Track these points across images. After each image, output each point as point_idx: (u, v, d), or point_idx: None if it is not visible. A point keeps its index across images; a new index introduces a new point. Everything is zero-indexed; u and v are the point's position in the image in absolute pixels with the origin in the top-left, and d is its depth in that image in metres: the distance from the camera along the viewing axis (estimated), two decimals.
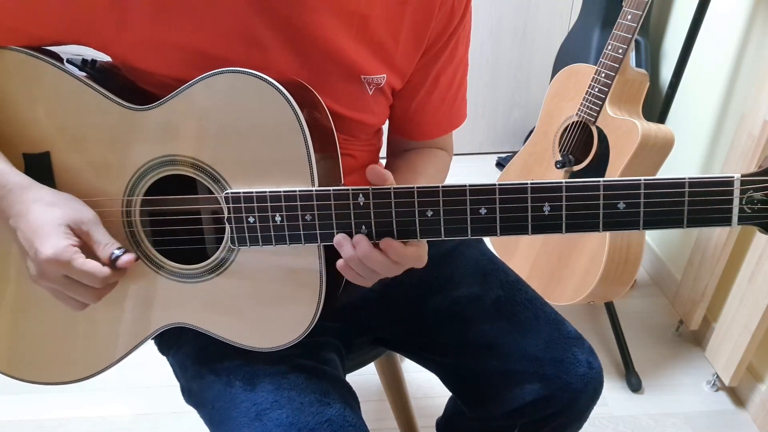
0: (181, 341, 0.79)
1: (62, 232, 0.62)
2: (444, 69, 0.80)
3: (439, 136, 0.87)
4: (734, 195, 0.56)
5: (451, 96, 0.84)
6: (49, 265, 0.61)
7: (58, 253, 0.60)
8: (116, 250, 0.65)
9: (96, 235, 0.65)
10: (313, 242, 0.65)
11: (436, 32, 0.75)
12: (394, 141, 0.90)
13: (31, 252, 0.62)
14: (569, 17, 2.28)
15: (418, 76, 0.79)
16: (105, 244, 0.65)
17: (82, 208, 0.66)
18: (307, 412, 0.68)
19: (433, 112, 0.84)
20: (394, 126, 0.87)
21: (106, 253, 0.64)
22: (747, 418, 1.43)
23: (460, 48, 0.80)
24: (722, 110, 1.54)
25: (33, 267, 0.62)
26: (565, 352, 0.81)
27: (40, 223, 0.62)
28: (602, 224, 0.59)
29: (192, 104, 0.64)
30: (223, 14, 0.64)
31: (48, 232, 0.61)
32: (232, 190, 0.65)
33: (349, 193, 0.62)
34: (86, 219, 0.65)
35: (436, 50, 0.77)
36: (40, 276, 0.62)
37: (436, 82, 0.80)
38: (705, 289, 1.55)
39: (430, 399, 1.45)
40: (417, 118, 0.84)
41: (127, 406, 1.47)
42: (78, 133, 0.68)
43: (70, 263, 0.61)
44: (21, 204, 0.63)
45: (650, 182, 0.57)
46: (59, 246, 0.61)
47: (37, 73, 0.66)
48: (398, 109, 0.83)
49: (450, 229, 0.62)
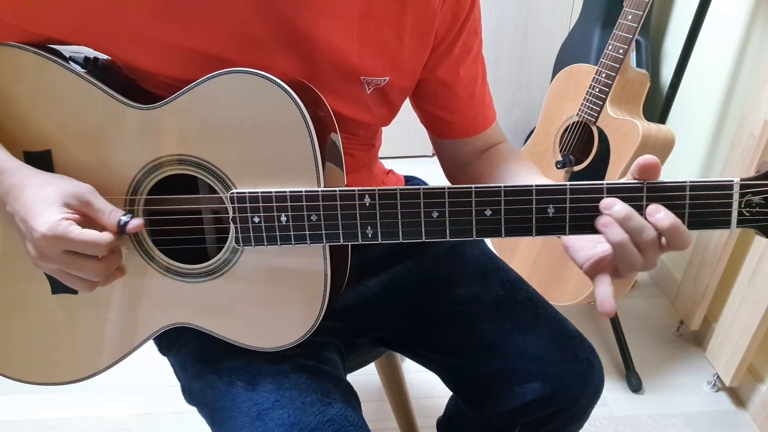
0: (182, 341, 0.79)
1: (56, 208, 0.61)
2: (461, 61, 0.79)
3: (484, 128, 0.86)
4: (733, 198, 0.57)
5: (479, 89, 0.83)
6: (46, 242, 0.59)
7: (52, 227, 0.59)
8: (123, 216, 0.64)
9: (97, 203, 0.64)
10: (318, 242, 0.64)
11: (444, 27, 0.75)
12: (447, 152, 0.89)
13: (28, 234, 0.61)
14: (570, 17, 2.29)
15: (436, 72, 0.78)
16: (110, 212, 0.64)
17: (76, 182, 0.65)
18: (308, 411, 0.68)
19: (465, 106, 0.83)
20: (436, 130, 0.87)
21: (113, 219, 0.63)
22: (747, 419, 1.43)
23: (472, 40, 0.79)
24: (723, 110, 1.54)
25: (32, 248, 0.61)
26: (566, 351, 0.81)
27: (35, 202, 0.61)
28: None
29: (197, 104, 0.64)
30: (224, 15, 0.64)
31: (41, 209, 0.60)
32: (237, 189, 0.65)
33: (355, 193, 0.62)
34: (83, 191, 0.64)
35: (447, 44, 0.77)
36: (39, 257, 0.61)
37: (456, 75, 0.80)
38: (705, 290, 1.55)
39: (431, 399, 1.45)
40: (450, 114, 0.83)
41: (127, 406, 1.47)
42: (80, 132, 0.67)
43: (67, 236, 0.59)
44: (17, 188, 0.63)
45: (652, 186, 0.58)
46: (52, 220, 0.59)
47: (39, 71, 0.66)
48: (429, 111, 0.83)
49: (455, 230, 0.62)
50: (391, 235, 0.63)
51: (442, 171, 0.92)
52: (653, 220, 0.57)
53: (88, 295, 0.71)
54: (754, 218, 0.57)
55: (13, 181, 0.63)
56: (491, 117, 0.87)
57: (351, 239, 0.64)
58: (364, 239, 0.64)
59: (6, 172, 0.63)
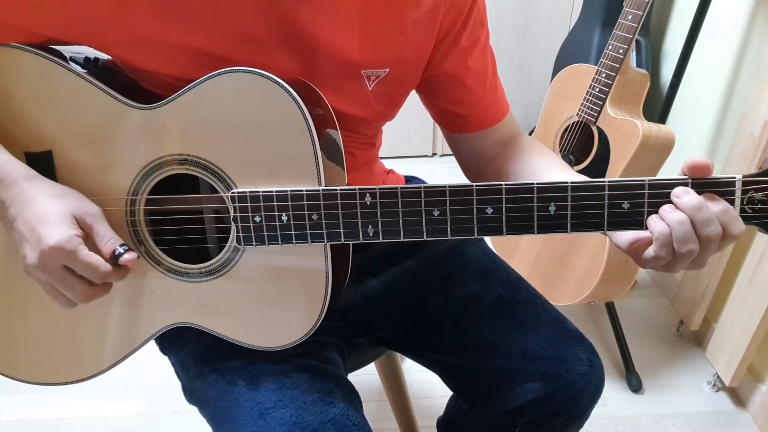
0: (183, 341, 0.79)
1: (68, 222, 0.62)
2: (468, 53, 0.79)
3: (498, 119, 0.85)
4: (736, 195, 0.57)
5: (490, 80, 0.83)
6: (52, 253, 0.60)
7: (64, 242, 0.60)
8: (119, 247, 0.64)
9: (99, 228, 0.64)
10: (319, 241, 0.65)
11: (449, 21, 0.75)
12: (466, 148, 0.87)
13: (33, 240, 0.61)
14: (570, 17, 2.29)
15: (444, 66, 0.78)
16: (108, 239, 0.64)
17: (86, 201, 0.66)
18: (310, 411, 0.68)
19: (478, 98, 0.82)
20: (451, 126, 0.86)
21: (109, 248, 0.64)
22: (747, 419, 1.43)
23: (479, 31, 0.79)
24: (723, 110, 1.55)
25: (33, 255, 0.61)
26: (566, 350, 0.81)
27: (46, 213, 0.62)
28: (607, 224, 0.60)
29: (198, 103, 0.64)
30: (224, 14, 0.64)
31: (54, 221, 0.61)
32: (238, 189, 0.65)
33: (356, 192, 0.62)
34: (91, 212, 0.65)
35: (452, 37, 0.76)
36: (38, 265, 0.61)
37: (465, 67, 0.79)
38: (705, 290, 1.55)
39: (431, 399, 1.45)
40: (463, 108, 0.82)
41: (127, 405, 1.47)
42: (81, 132, 0.67)
43: (75, 253, 0.60)
44: (25, 194, 0.63)
45: (653, 182, 0.58)
46: (65, 234, 0.60)
47: (40, 71, 0.66)
48: (441, 107, 0.83)
49: (456, 229, 0.62)
50: (392, 234, 0.63)
51: (462, 171, 0.90)
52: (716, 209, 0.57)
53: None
54: (755, 215, 0.58)
55: (23, 187, 0.63)
56: (505, 108, 0.86)
57: (352, 238, 0.64)
58: (365, 238, 0.64)
59: (13, 175, 0.63)
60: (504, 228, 0.61)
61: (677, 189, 0.58)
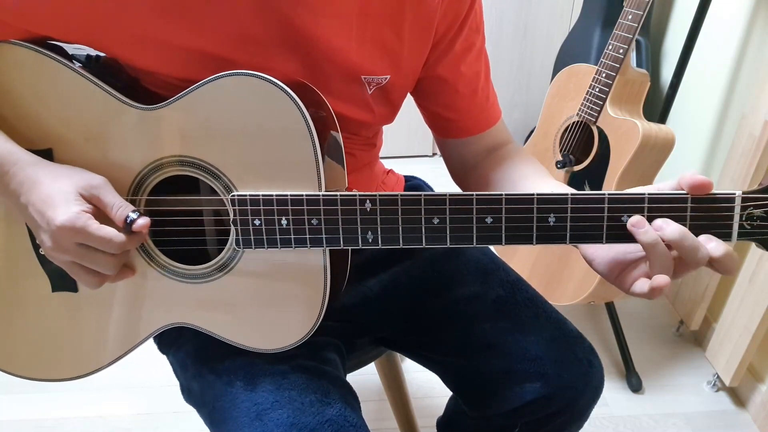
0: (182, 340, 0.79)
1: (73, 199, 0.61)
2: (462, 58, 0.78)
3: (488, 126, 0.84)
4: (735, 211, 0.58)
5: (482, 87, 0.82)
6: (63, 233, 0.60)
7: (72, 219, 0.60)
8: (131, 213, 0.64)
9: (108, 197, 0.64)
10: (318, 246, 0.64)
11: (445, 25, 0.74)
12: (452, 152, 0.87)
13: (43, 223, 0.61)
14: (570, 17, 2.29)
15: (436, 69, 0.78)
16: (119, 207, 0.64)
17: (90, 174, 0.65)
18: (307, 412, 0.68)
19: (468, 104, 0.82)
20: (440, 130, 0.86)
21: (120, 215, 0.63)
22: (747, 419, 1.43)
23: (474, 37, 0.79)
24: (723, 110, 1.54)
25: (47, 239, 0.62)
26: (566, 351, 0.81)
27: (51, 194, 0.62)
28: (605, 236, 0.60)
29: (199, 105, 0.64)
30: (223, 15, 0.64)
31: (59, 201, 0.61)
32: (238, 192, 0.65)
33: (356, 198, 0.62)
34: (95, 183, 0.64)
35: (448, 42, 0.76)
36: (54, 247, 0.62)
37: (457, 72, 0.79)
38: (705, 290, 1.55)
39: (431, 399, 1.45)
40: (453, 113, 0.82)
41: (126, 405, 1.47)
42: (81, 131, 0.67)
43: (85, 228, 0.60)
44: (30, 179, 0.63)
45: (653, 197, 0.58)
46: (72, 212, 0.60)
47: (40, 69, 0.66)
48: (431, 110, 0.83)
49: (455, 237, 0.62)
50: (391, 241, 0.63)
51: (449, 174, 0.90)
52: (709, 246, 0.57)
53: (88, 293, 0.72)
54: (754, 231, 0.58)
55: (27, 172, 0.63)
56: (496, 115, 0.86)
57: (351, 244, 0.64)
58: (364, 244, 0.64)
59: (19, 164, 0.64)
60: (503, 238, 0.61)
61: (657, 221, 0.58)
